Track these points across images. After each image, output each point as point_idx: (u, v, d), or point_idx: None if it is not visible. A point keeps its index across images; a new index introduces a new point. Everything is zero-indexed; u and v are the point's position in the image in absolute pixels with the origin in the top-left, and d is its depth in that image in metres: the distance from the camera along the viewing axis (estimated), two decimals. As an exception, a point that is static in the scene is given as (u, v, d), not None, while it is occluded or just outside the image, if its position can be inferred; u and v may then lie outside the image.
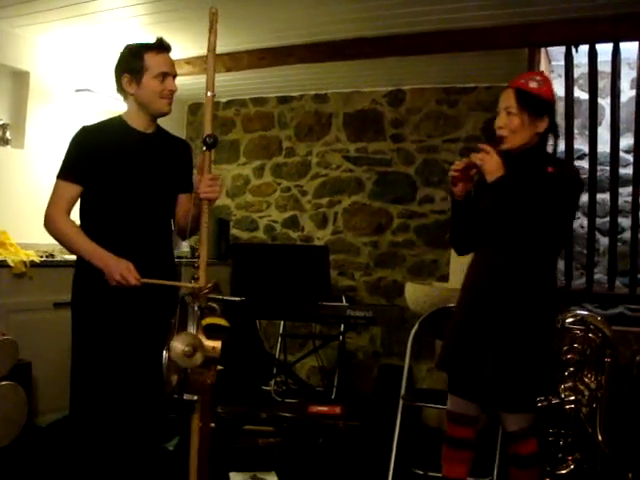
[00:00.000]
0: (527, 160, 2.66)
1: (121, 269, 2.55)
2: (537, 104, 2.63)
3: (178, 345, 2.13)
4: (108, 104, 5.25)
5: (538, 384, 2.70)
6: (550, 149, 2.80)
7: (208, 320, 2.25)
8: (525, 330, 2.60)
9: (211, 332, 2.23)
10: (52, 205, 2.75)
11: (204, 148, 2.44)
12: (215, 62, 2.43)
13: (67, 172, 2.76)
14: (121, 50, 2.84)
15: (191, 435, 2.38)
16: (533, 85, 2.64)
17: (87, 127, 2.85)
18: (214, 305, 2.33)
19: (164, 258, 2.94)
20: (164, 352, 2.35)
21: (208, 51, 2.43)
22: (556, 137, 2.77)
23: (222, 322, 2.28)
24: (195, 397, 2.27)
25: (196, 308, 2.26)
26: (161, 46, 2.78)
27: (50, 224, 2.75)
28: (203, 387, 2.28)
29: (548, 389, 2.95)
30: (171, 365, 2.26)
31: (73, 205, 2.78)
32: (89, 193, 2.78)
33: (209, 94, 2.44)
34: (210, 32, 2.42)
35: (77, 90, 5.18)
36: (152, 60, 2.74)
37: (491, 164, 2.55)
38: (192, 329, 2.20)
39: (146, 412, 2.81)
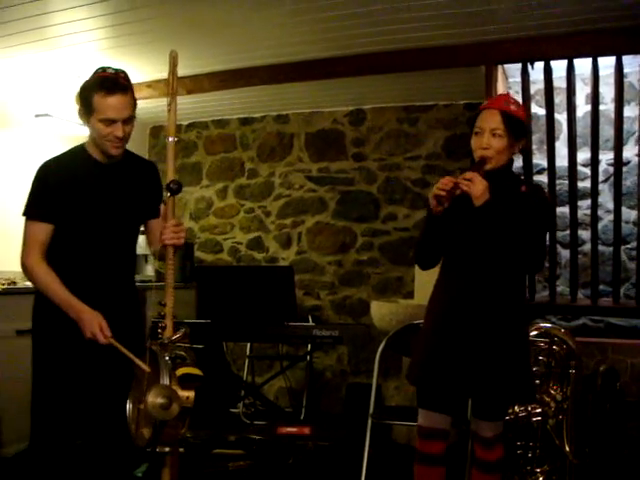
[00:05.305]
0: (503, 180, 2.70)
1: (93, 326, 2.54)
2: (519, 128, 2.69)
3: (154, 398, 2.10)
4: (68, 129, 5.21)
5: (520, 393, 2.78)
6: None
7: (182, 370, 2.22)
8: (508, 342, 2.67)
9: (185, 382, 2.21)
10: (26, 250, 2.69)
11: (168, 194, 2.40)
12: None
13: (35, 212, 2.70)
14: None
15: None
16: (514, 108, 2.68)
17: (48, 162, 2.77)
18: (183, 353, 2.31)
19: (126, 287, 2.91)
20: (128, 404, 2.33)
21: (169, 95, 2.41)
22: (527, 157, 2.87)
23: (196, 371, 2.25)
24: (167, 449, 2.25)
25: (167, 358, 2.23)
26: (112, 87, 2.59)
27: (27, 272, 2.70)
28: (176, 438, 2.25)
29: (529, 397, 3.02)
30: (142, 418, 2.23)
31: (47, 245, 2.69)
32: (55, 227, 2.73)
33: (170, 139, 2.41)
34: (170, 75, 2.40)
35: (37, 115, 5.13)
36: (99, 103, 2.59)
37: (479, 188, 2.55)
38: (165, 380, 2.17)
39: (111, 440, 2.76)
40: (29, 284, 4.25)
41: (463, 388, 2.68)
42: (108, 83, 2.60)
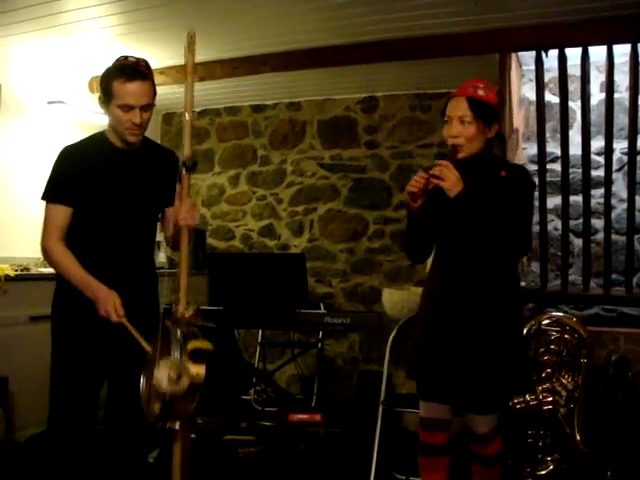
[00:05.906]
0: (480, 166, 2.69)
1: (107, 304, 2.55)
2: (489, 112, 2.67)
3: (164, 371, 2.11)
4: (81, 116, 5.24)
5: (512, 385, 2.75)
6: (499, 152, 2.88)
7: (193, 344, 2.23)
8: (498, 332, 2.64)
9: (196, 357, 2.21)
10: (46, 234, 2.71)
11: (184, 171, 2.39)
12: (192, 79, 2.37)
13: (54, 194, 2.72)
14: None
15: (173, 461, 2.35)
16: (482, 93, 2.65)
17: (68, 147, 2.79)
18: (195, 329, 2.32)
19: (144, 273, 2.93)
20: (141, 379, 2.34)
21: (187, 74, 2.39)
22: (502, 141, 2.84)
23: (205, 345, 2.26)
24: (177, 425, 2.25)
25: (179, 333, 2.24)
26: (131, 74, 2.60)
27: (47, 254, 2.72)
28: (186, 415, 2.25)
29: (522, 389, 2.98)
30: (152, 393, 2.24)
31: (66, 229, 2.72)
32: (74, 211, 2.75)
33: (187, 117, 2.39)
34: (187, 53, 2.38)
35: (49, 102, 5.14)
36: (118, 89, 2.60)
37: (451, 180, 2.54)
38: (176, 354, 2.17)
39: (126, 424, 2.79)
40: (42, 270, 4.31)
41: (457, 377, 2.66)
42: (128, 69, 2.61)
